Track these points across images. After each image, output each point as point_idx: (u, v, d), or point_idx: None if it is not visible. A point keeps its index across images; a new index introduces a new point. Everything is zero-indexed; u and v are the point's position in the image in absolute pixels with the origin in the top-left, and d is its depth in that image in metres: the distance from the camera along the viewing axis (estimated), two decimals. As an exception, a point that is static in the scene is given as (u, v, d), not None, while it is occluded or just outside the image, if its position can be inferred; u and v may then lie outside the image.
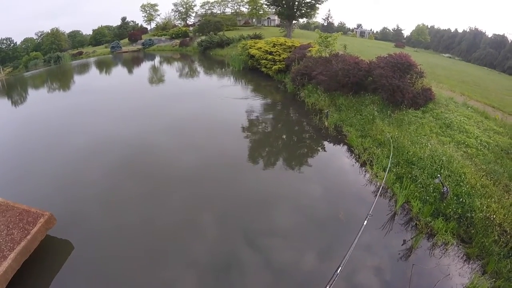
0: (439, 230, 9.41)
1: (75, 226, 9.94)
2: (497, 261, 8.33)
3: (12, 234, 8.40)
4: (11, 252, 7.85)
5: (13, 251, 7.90)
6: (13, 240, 8.22)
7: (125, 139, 16.64)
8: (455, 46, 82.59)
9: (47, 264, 8.63)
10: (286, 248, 9.15)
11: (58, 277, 8.19)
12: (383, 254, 8.98)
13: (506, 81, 37.47)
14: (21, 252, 8.02)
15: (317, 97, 21.04)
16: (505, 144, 13.42)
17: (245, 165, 13.95)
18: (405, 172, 11.98)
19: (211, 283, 7.96)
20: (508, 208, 9.68)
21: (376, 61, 19.27)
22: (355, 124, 16.65)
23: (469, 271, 8.35)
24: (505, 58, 63.50)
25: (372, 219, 10.15)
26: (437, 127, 14.94)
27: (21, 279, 7.95)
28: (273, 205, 11.12)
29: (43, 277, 8.19)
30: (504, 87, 29.74)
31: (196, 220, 10.30)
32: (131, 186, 12.34)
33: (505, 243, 8.70)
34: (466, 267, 8.49)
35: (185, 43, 65.24)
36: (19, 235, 8.40)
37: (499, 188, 10.65)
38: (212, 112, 21.27)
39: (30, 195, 11.48)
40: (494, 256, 8.45)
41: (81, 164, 14.18)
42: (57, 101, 28.88)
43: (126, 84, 35.17)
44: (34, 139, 17.85)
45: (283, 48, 30.86)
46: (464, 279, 8.10)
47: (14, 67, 66.56)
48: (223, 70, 38.94)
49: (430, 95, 17.26)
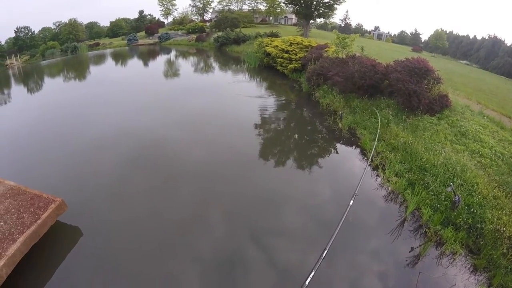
0: (448, 239, 9.33)
1: (85, 213, 10.14)
2: (504, 275, 8.25)
3: (23, 218, 8.61)
4: (21, 236, 8.05)
5: (22, 234, 8.09)
6: (23, 223, 8.43)
7: (137, 131, 16.87)
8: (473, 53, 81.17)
9: (56, 249, 8.82)
10: (291, 248, 9.21)
11: (66, 263, 8.38)
12: (390, 260, 8.95)
13: (524, 92, 36.72)
14: (31, 236, 8.20)
15: (332, 98, 20.96)
16: (520, 156, 13.20)
17: (255, 163, 14.01)
18: (417, 179, 11.91)
19: (215, 278, 8.06)
20: (519, 221, 9.56)
21: (393, 65, 19.13)
22: (369, 127, 16.58)
23: (475, 283, 8.30)
24: (524, 68, 62.31)
25: (381, 225, 10.25)
26: (452, 135, 14.79)
27: (29, 262, 8.15)
28: (281, 204, 11.16)
29: (51, 262, 8.38)
30: (522, 97, 29.18)
31: (203, 215, 10.41)
32: (142, 178, 12.53)
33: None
34: (473, 279, 8.43)
35: (202, 38, 65.45)
36: (30, 219, 8.59)
37: (511, 201, 10.51)
38: (225, 108, 21.40)
39: (42, 181, 11.74)
40: (501, 269, 8.37)
41: (93, 154, 14.44)
42: (72, 91, 29.29)
43: (141, 76, 35.49)
44: (48, 127, 18.21)
45: (300, 48, 30.77)
46: None
47: (31, 56, 67.67)
48: (239, 66, 38.95)
49: (447, 102, 17.07)
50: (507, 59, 67.51)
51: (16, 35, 74.63)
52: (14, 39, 74.55)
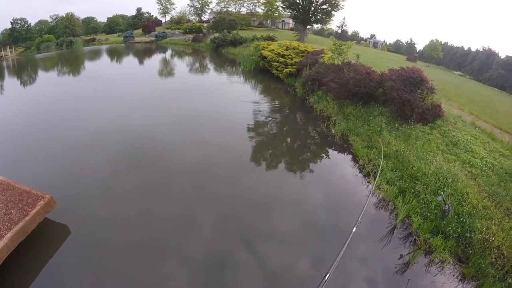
0: (437, 247, 9.41)
1: (74, 211, 10.00)
2: (492, 284, 8.34)
3: (11, 214, 8.46)
4: (8, 232, 7.90)
5: (10, 230, 7.94)
6: (11, 220, 8.28)
7: (130, 129, 16.73)
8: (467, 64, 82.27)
9: (43, 246, 8.68)
10: (282, 253, 9.18)
11: (53, 261, 8.24)
12: (379, 267, 8.99)
13: (516, 104, 37.22)
14: (18, 233, 8.06)
15: (326, 104, 21.04)
16: (510, 167, 13.35)
17: (247, 166, 14.00)
18: (408, 187, 12.01)
19: (203, 280, 8.03)
20: (507, 231, 9.66)
21: (388, 73, 19.28)
22: (362, 134, 16.65)
23: None
24: (516, 80, 63.24)
25: (371, 231, 10.27)
26: (444, 145, 14.93)
27: (17, 259, 8.00)
28: (272, 208, 11.16)
29: (38, 259, 8.25)
30: (514, 109, 29.58)
31: (195, 216, 10.34)
32: (133, 177, 12.42)
33: (502, 266, 8.70)
34: (461, 287, 8.50)
35: (198, 39, 65.36)
36: (18, 215, 8.44)
37: (500, 211, 10.65)
38: (218, 110, 21.30)
39: (32, 176, 11.53)
40: (489, 278, 8.46)
41: (84, 151, 14.26)
42: (66, 86, 28.92)
43: (135, 74, 35.30)
44: (40, 122, 17.94)
45: (296, 52, 30.90)
46: None
47: (26, 48, 67.03)
48: (234, 68, 38.99)
49: (439, 112, 17.22)
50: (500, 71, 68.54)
51: (12, 26, 73.94)
52: (10, 30, 73.90)
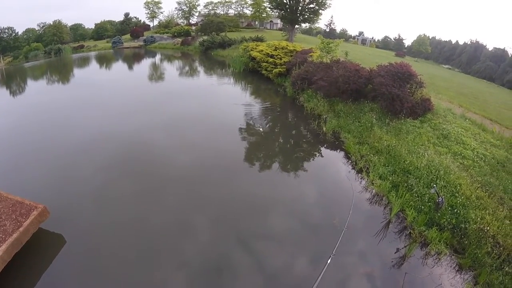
0: (433, 239, 9.44)
1: (68, 220, 9.86)
2: (489, 273, 8.37)
3: (4, 226, 8.31)
4: (3, 244, 7.76)
5: (4, 242, 7.81)
6: (5, 231, 8.14)
7: (121, 135, 16.56)
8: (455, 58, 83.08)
9: (39, 257, 8.56)
10: (278, 252, 9.15)
11: (49, 271, 8.12)
12: (376, 261, 8.99)
13: (504, 95, 37.64)
14: (13, 244, 7.93)
15: (316, 102, 21.08)
16: (501, 157, 13.51)
17: (241, 167, 13.94)
18: (401, 181, 12.04)
19: (200, 284, 7.97)
20: (502, 220, 9.75)
21: (377, 69, 19.37)
22: (353, 130, 16.70)
23: (461, 282, 8.39)
24: (504, 72, 63.86)
25: (366, 227, 10.31)
26: (435, 138, 15.02)
27: (12, 271, 7.87)
28: (267, 208, 11.11)
29: (34, 270, 8.11)
30: (503, 100, 29.90)
31: (189, 220, 10.25)
32: (126, 183, 12.28)
33: (498, 255, 8.76)
34: (458, 278, 8.54)
35: (187, 42, 65.20)
36: (11, 226, 8.30)
37: (493, 201, 10.72)
38: (210, 113, 21.18)
39: (24, 187, 11.35)
40: (486, 268, 8.50)
41: (76, 158, 14.05)
42: (55, 94, 28.60)
43: (125, 80, 35.01)
44: (30, 131, 17.62)
45: (285, 52, 30.93)
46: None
47: (14, 57, 66.18)
48: (224, 70, 38.91)
49: (429, 106, 17.33)
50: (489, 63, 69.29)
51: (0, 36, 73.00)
52: (-3, 40, 72.93)
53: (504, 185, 11.58)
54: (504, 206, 10.51)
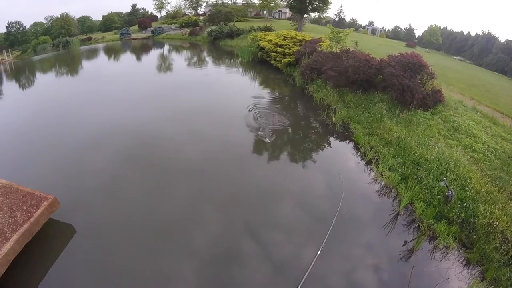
0: (441, 233, 9.39)
1: (78, 211, 10.01)
2: (496, 269, 8.33)
3: (15, 217, 8.45)
4: (14, 234, 7.90)
5: (15, 233, 7.95)
6: (16, 222, 8.28)
7: (131, 128, 16.57)
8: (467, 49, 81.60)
9: (49, 247, 8.70)
10: (286, 242, 9.19)
11: (60, 260, 8.25)
12: (384, 253, 8.98)
13: (516, 88, 36.90)
14: (24, 235, 8.07)
15: (325, 93, 20.91)
16: (513, 151, 13.30)
17: (249, 157, 13.94)
18: (411, 173, 11.94)
19: (211, 275, 8.02)
20: (511, 216, 9.64)
21: (387, 60, 19.10)
22: (363, 121, 16.56)
23: (468, 276, 8.36)
24: (517, 65, 62.65)
25: (375, 218, 10.27)
26: (445, 130, 14.85)
27: (23, 261, 8.01)
28: (275, 199, 11.14)
29: (45, 260, 8.25)
30: (515, 94, 29.32)
31: (198, 211, 10.33)
32: (135, 175, 12.36)
33: (506, 251, 8.70)
34: (466, 272, 8.49)
35: (195, 33, 64.71)
36: (22, 217, 8.44)
37: (503, 195, 10.61)
38: (218, 103, 21.20)
39: (34, 179, 11.48)
40: (494, 263, 8.45)
41: (86, 151, 14.18)
42: (65, 87, 28.57)
43: (133, 72, 34.78)
44: (40, 125, 17.74)
45: (294, 42, 30.59)
46: (463, 284, 8.12)
47: (23, 51, 66.21)
48: (232, 61, 38.61)
49: (440, 97, 17.10)
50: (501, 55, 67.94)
51: (8, 30, 73.10)
52: (6, 34, 72.90)
53: None
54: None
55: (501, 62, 66.54)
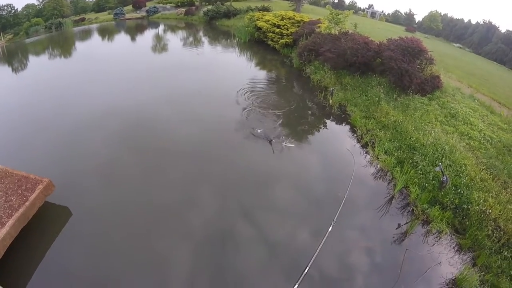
0: (435, 218, 9.43)
1: (73, 193, 9.97)
2: (488, 255, 8.41)
3: (11, 201, 8.41)
4: (10, 219, 7.86)
5: (11, 218, 7.90)
6: (11, 207, 8.23)
7: (125, 110, 16.23)
8: (466, 37, 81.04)
9: (46, 230, 8.69)
10: (282, 224, 9.22)
11: (57, 243, 8.27)
12: (378, 236, 9.02)
13: (515, 79, 36.82)
14: (20, 219, 8.03)
15: (323, 74, 20.58)
16: (508, 141, 13.33)
17: (246, 139, 13.73)
18: (406, 157, 11.91)
19: (206, 256, 8.07)
20: (504, 204, 9.69)
21: (387, 43, 18.77)
22: (360, 104, 16.39)
23: (460, 262, 8.43)
24: (516, 56, 62.47)
25: (369, 200, 10.30)
26: (442, 116, 14.75)
27: (20, 245, 7.97)
28: (271, 180, 11.11)
29: (43, 243, 8.24)
30: (513, 85, 29.24)
31: (194, 193, 10.29)
32: (130, 157, 12.23)
33: (498, 239, 8.76)
34: (457, 258, 8.57)
35: (191, 12, 63.32)
36: (18, 201, 8.40)
37: (497, 184, 10.65)
38: (214, 84, 20.68)
39: (29, 162, 11.32)
40: (485, 250, 8.53)
41: (81, 134, 13.91)
42: (58, 69, 27.80)
43: (128, 52, 33.81)
44: (34, 108, 17.22)
45: (292, 23, 29.97)
46: (454, 269, 8.18)
47: (15, 34, 64.51)
48: (229, 41, 37.87)
49: (438, 83, 16.91)
50: (500, 45, 67.51)
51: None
52: (-3, 18, 71.35)
53: (509, 169, 11.49)
54: (508, 191, 10.44)
55: (501, 52, 66.24)
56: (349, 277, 7.90)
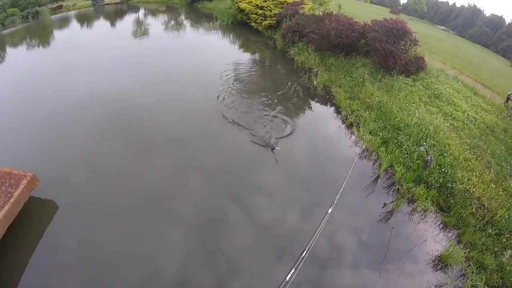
0: (420, 196, 9.47)
1: (58, 186, 9.76)
2: (472, 233, 8.51)
3: (-5, 199, 8.18)
4: (-5, 218, 7.67)
5: (-3, 216, 7.72)
6: (-4, 205, 8.02)
7: (109, 98, 15.70)
8: (451, 19, 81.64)
9: (33, 225, 8.57)
10: (270, 205, 9.25)
11: (45, 238, 8.17)
12: (364, 215, 9.06)
13: (498, 62, 37.21)
14: (5, 217, 7.85)
15: (307, 56, 20.30)
16: (491, 122, 13.48)
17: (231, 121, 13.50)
18: (391, 137, 11.88)
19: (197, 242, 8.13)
20: (488, 183, 9.82)
21: (371, 24, 18.59)
22: (344, 85, 16.21)
23: (445, 239, 8.51)
24: (500, 39, 63.16)
25: (355, 180, 10.27)
26: (426, 97, 14.76)
27: (10, 241, 7.84)
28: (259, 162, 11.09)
29: (32, 238, 8.15)
30: (496, 67, 29.60)
31: (182, 178, 10.25)
32: (115, 145, 11.94)
33: (482, 217, 8.87)
34: (442, 235, 8.65)
35: (172, -5, 61.88)
36: (2, 199, 8.22)
37: (481, 163, 10.75)
38: (197, 68, 20.07)
39: (12, 158, 10.86)
40: (470, 228, 8.62)
41: (64, 124, 13.47)
42: (37, 60, 26.39)
43: (108, 39, 32.63)
44: (15, 101, 16.50)
45: (275, 4, 29.41)
46: (440, 246, 8.26)
47: (-9, 26, 62.20)
48: (211, 24, 37.19)
49: (422, 64, 16.89)
50: (485, 29, 68.27)
51: (-27, 6, 68.01)
52: (-29, 11, 68.01)
53: (492, 149, 11.65)
54: (491, 170, 10.60)
55: (485, 35, 67.03)
56: (336, 255, 7.94)
